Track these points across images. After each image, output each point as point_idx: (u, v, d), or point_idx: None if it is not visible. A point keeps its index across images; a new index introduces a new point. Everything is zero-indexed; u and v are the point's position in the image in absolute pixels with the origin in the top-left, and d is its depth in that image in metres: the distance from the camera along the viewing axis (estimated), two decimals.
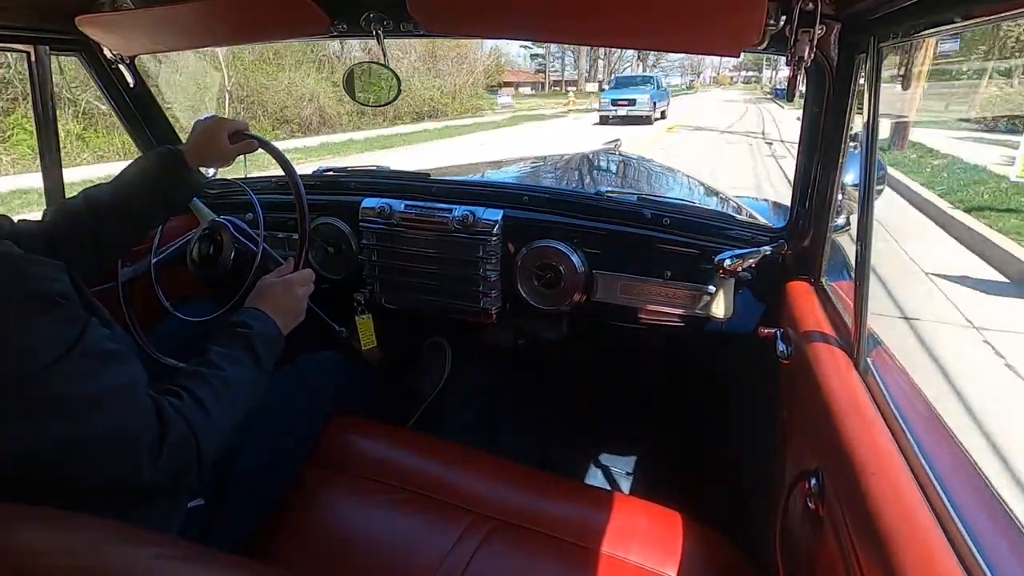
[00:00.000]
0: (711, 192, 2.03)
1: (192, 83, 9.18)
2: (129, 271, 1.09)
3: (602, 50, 31.56)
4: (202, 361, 0.69)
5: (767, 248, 1.05)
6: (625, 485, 1.36)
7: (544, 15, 0.90)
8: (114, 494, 0.57)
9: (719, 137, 11.50)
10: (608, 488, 1.31)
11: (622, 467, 1.40)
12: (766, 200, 2.08)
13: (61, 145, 1.21)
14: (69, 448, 0.52)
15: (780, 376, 0.93)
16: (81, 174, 6.11)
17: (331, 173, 1.50)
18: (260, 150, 0.98)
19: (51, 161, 1.20)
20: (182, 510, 0.72)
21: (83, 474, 0.54)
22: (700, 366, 1.47)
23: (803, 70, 0.84)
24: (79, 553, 0.37)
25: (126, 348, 0.60)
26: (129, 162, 0.93)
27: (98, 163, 8.12)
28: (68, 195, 1.08)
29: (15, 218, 0.81)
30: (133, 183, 0.90)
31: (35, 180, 5.99)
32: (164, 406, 0.59)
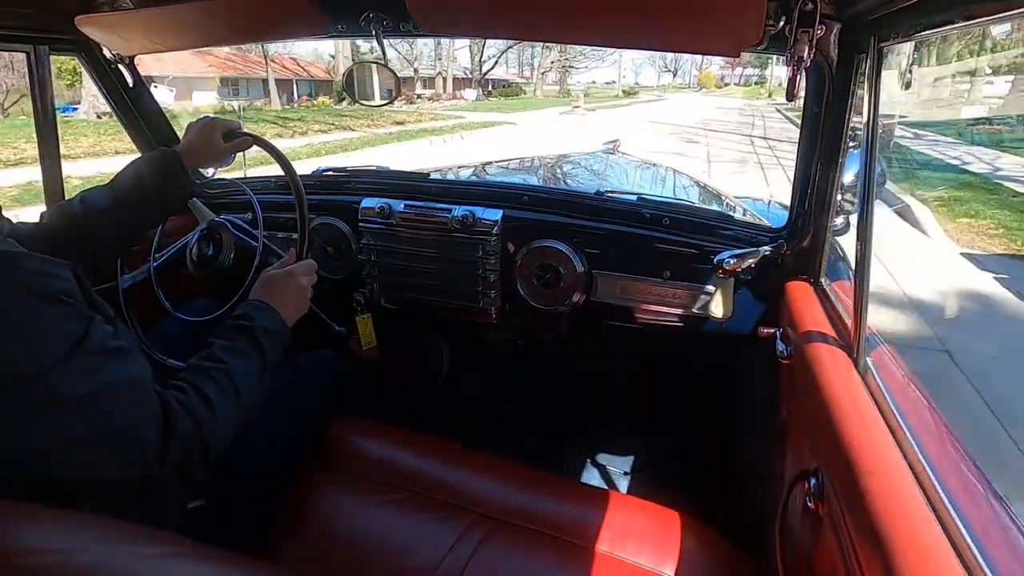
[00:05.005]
0: (710, 192, 2.03)
1: None
2: (129, 278, 1.09)
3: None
4: (205, 355, 0.69)
5: (766, 248, 1.05)
6: (624, 484, 1.36)
7: (542, 15, 0.90)
8: (116, 491, 0.57)
9: None
10: (607, 487, 1.31)
11: (621, 466, 1.40)
12: (765, 200, 2.08)
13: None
14: (76, 445, 0.52)
15: (780, 376, 0.93)
16: None
17: (331, 173, 1.50)
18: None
19: (51, 161, 1.19)
20: (182, 509, 0.72)
21: (89, 471, 0.54)
22: (699, 366, 1.47)
23: (803, 70, 0.84)
24: (79, 551, 0.37)
25: (130, 344, 0.60)
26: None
27: None
28: None
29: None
30: (128, 185, 0.90)
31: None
32: (169, 401, 0.59)
